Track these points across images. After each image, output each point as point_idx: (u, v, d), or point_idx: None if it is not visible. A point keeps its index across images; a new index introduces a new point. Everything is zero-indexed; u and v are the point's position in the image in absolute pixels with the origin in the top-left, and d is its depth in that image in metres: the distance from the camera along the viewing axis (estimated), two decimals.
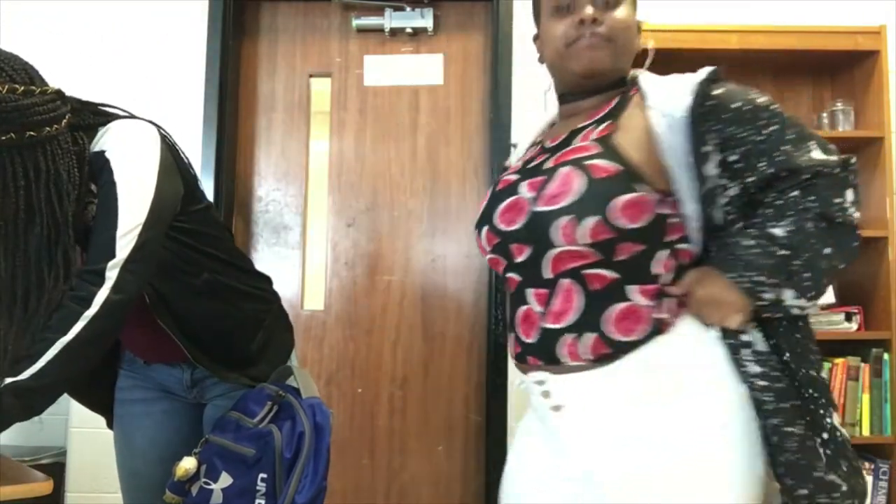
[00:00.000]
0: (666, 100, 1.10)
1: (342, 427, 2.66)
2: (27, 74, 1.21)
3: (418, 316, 2.71)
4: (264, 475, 1.30)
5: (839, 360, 2.31)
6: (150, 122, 1.38)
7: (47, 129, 1.21)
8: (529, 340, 1.15)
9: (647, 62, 1.24)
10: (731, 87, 1.10)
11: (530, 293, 1.14)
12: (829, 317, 2.36)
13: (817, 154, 1.07)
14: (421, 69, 2.79)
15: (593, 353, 1.09)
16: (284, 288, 2.63)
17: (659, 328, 1.09)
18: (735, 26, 2.43)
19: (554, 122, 1.33)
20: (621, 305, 1.08)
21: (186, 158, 1.45)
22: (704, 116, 1.07)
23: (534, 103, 2.58)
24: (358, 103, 2.79)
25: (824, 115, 2.54)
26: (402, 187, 2.76)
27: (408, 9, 2.75)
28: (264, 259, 2.74)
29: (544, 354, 1.13)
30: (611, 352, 1.08)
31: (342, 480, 2.64)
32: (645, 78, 1.18)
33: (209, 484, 1.34)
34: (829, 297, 2.32)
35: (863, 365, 2.31)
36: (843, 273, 1.09)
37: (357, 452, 2.67)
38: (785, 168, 1.06)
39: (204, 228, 1.46)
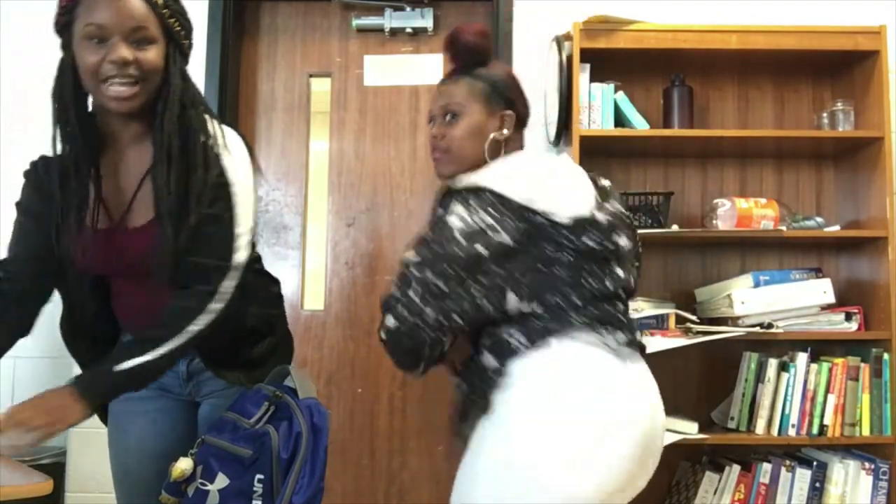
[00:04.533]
0: None
1: (342, 427, 2.66)
2: None
3: None
4: (261, 476, 1.30)
5: (839, 360, 2.29)
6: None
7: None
8: None
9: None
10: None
11: None
12: (829, 317, 2.35)
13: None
14: (421, 69, 2.79)
15: None
16: (284, 288, 2.60)
17: None
18: (735, 26, 2.42)
19: None
20: None
21: None
22: None
23: (533, 104, 2.57)
24: (358, 103, 2.79)
25: (824, 115, 2.53)
26: (402, 187, 2.76)
27: (408, 9, 2.75)
28: (264, 259, 2.72)
29: None
30: None
31: (342, 480, 2.65)
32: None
33: (205, 485, 1.34)
34: (829, 297, 2.31)
35: (863, 365, 2.30)
36: (842, 273, 1.10)
37: (357, 452, 2.67)
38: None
39: None
